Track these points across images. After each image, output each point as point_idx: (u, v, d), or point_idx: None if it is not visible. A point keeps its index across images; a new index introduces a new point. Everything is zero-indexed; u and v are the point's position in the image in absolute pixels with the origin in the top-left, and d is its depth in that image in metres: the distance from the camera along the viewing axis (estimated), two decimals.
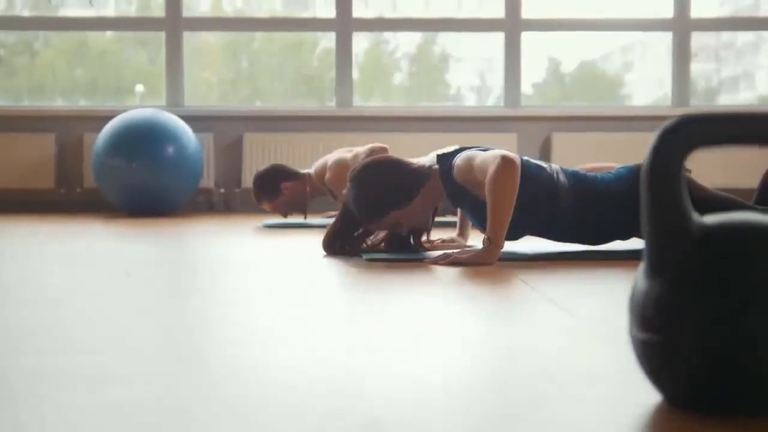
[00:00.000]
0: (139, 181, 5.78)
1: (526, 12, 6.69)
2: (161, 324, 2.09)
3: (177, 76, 6.66)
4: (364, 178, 3.32)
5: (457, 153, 3.31)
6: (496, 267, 3.03)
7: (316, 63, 7.93)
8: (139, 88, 7.66)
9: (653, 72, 6.82)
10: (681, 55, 6.74)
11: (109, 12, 7.87)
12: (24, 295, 2.51)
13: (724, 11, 8.15)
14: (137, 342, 1.84)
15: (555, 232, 3.42)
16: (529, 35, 6.77)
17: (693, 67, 6.85)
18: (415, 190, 3.31)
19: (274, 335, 1.90)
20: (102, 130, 5.96)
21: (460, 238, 3.71)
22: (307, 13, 8.00)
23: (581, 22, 6.92)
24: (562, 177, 3.32)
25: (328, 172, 4.94)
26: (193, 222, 5.39)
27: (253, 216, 5.89)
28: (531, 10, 6.73)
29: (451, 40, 7.95)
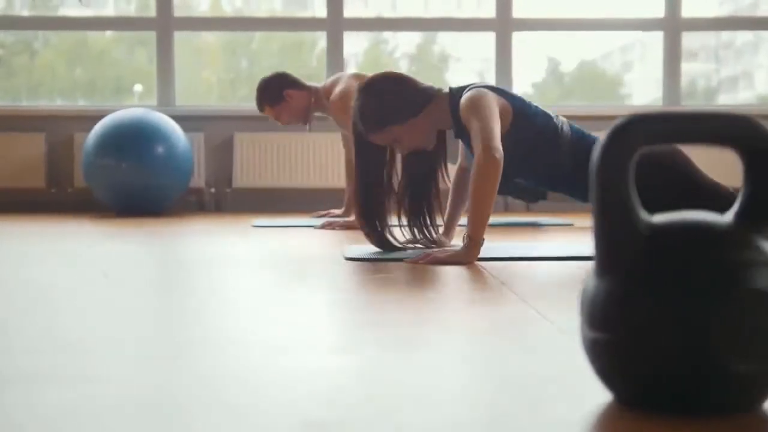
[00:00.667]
0: (129, 180, 5.79)
1: (517, 11, 6.67)
2: (137, 324, 2.08)
3: (168, 75, 6.68)
4: (370, 89, 3.38)
5: (467, 89, 3.34)
6: (474, 266, 3.01)
7: (315, 63, 7.94)
8: (137, 87, 7.69)
9: (653, 72, 6.79)
10: (672, 55, 6.70)
11: (108, 12, 7.91)
12: (6, 293, 2.52)
13: (723, 11, 8.11)
14: (109, 342, 1.83)
15: (549, 180, 3.47)
16: (521, 35, 6.75)
17: (693, 67, 6.82)
18: (419, 108, 3.36)
19: (248, 336, 1.89)
20: (92, 129, 5.98)
21: (444, 238, 3.71)
22: (306, 13, 8.01)
23: (573, 22, 6.89)
24: (566, 128, 3.40)
25: (334, 96, 4.88)
26: (183, 222, 5.39)
27: (243, 216, 5.88)
28: (522, 10, 6.70)
29: (450, 39, 7.94)
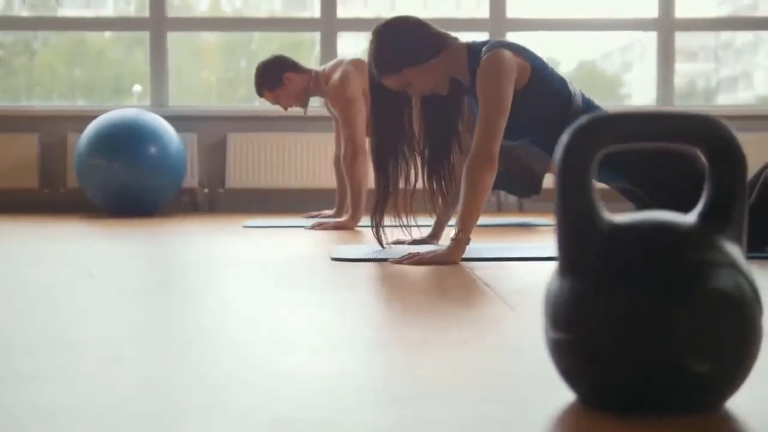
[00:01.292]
0: (121, 181, 5.78)
1: (511, 12, 6.65)
2: (122, 324, 2.08)
3: (162, 76, 6.68)
4: (384, 31, 3.34)
5: (486, 45, 3.29)
6: (459, 266, 3.00)
7: (314, 63, 7.94)
8: (137, 88, 7.70)
9: (652, 72, 6.76)
10: (665, 55, 6.68)
11: (107, 12, 7.94)
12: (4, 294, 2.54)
13: (723, 11, 8.08)
14: (84, 342, 1.83)
15: (550, 144, 3.41)
16: (515, 35, 6.73)
17: (692, 67, 6.79)
18: (434, 52, 3.32)
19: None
20: (85, 130, 5.98)
21: (432, 239, 3.70)
22: (305, 14, 8.00)
23: (567, 22, 6.86)
24: (578, 97, 3.35)
25: (333, 80, 4.88)
26: (176, 222, 5.38)
27: (237, 216, 5.88)
28: (516, 10, 6.69)
29: None
